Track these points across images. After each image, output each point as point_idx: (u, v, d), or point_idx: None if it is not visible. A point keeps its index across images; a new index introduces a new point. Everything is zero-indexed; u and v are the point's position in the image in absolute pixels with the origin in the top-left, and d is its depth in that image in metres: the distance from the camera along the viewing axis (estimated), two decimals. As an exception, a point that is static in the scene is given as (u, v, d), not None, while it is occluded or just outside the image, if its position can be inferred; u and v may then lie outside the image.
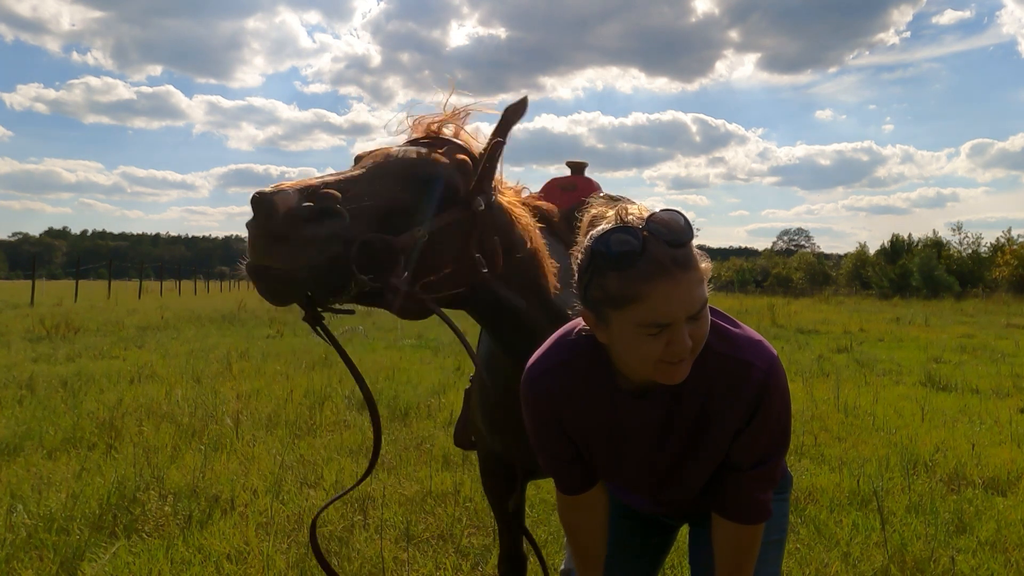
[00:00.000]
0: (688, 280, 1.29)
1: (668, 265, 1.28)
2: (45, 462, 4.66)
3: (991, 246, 48.17)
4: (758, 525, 1.55)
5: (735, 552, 1.57)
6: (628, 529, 1.90)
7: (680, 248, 1.30)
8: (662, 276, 1.27)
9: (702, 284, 1.32)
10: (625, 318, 1.31)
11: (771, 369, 1.44)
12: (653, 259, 1.28)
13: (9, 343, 11.06)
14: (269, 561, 3.22)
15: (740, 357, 1.44)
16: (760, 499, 1.53)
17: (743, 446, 1.49)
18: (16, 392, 6.85)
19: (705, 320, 1.34)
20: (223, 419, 5.78)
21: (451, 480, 4.37)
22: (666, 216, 1.33)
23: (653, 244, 1.29)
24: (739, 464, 1.51)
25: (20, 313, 17.95)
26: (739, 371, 1.43)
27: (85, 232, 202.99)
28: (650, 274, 1.28)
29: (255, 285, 1.41)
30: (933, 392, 7.74)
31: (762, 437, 1.48)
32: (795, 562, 3.30)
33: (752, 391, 1.43)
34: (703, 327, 1.34)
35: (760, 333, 1.51)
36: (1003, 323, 18.70)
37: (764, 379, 1.43)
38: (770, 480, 1.53)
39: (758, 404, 1.44)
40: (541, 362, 1.57)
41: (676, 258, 1.29)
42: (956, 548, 3.44)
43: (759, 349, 1.46)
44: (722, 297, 43.31)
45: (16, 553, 3.25)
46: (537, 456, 1.67)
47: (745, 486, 1.52)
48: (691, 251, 1.32)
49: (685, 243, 1.31)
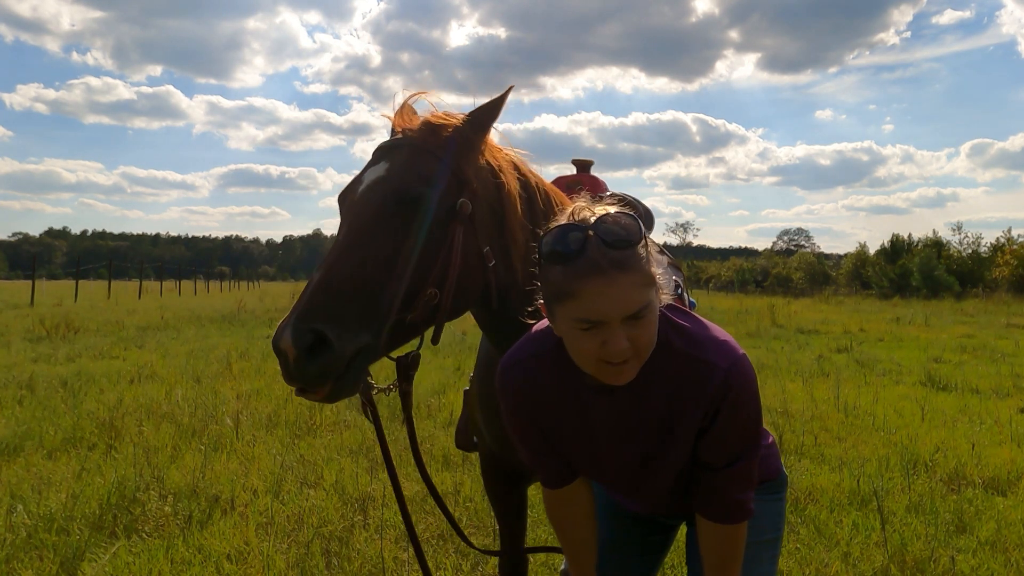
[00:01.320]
0: (625, 282, 1.32)
1: (604, 265, 1.31)
2: (45, 462, 4.66)
3: (991, 246, 48.14)
4: (739, 525, 1.55)
5: (718, 551, 1.58)
6: (626, 527, 1.90)
7: (621, 250, 1.33)
8: (597, 275, 1.31)
9: (644, 288, 1.34)
10: (564, 313, 1.36)
11: (733, 368, 1.45)
12: (590, 258, 1.32)
13: (9, 343, 11.06)
14: (269, 561, 3.22)
15: (702, 357, 1.46)
16: (738, 499, 1.53)
17: (711, 445, 1.51)
18: (16, 392, 6.85)
19: (647, 324, 1.36)
20: (223, 419, 5.78)
21: (451, 480, 4.37)
22: (614, 218, 1.37)
23: (593, 244, 1.33)
24: (712, 463, 1.53)
25: (20, 313, 17.96)
26: (701, 370, 1.45)
27: (85, 232, 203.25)
28: (586, 272, 1.32)
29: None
30: (933, 392, 7.75)
31: (729, 436, 1.49)
32: (795, 562, 3.30)
33: (713, 390, 1.45)
34: (645, 332, 1.36)
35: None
36: (1003, 323, 18.70)
37: (725, 378, 1.44)
38: (746, 480, 1.53)
39: (721, 403, 1.45)
40: (514, 354, 1.60)
41: (614, 259, 1.32)
42: (956, 548, 3.44)
43: (723, 349, 1.47)
44: (722, 297, 43.33)
45: (16, 553, 3.26)
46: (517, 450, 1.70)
47: (721, 485, 1.53)
48: (634, 254, 1.34)
49: (628, 245, 1.34)
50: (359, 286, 1.51)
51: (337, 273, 1.51)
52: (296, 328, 1.43)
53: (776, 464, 1.80)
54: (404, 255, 1.57)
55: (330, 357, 1.44)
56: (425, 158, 1.67)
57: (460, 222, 1.64)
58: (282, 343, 1.43)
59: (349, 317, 1.48)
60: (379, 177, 1.64)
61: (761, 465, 1.75)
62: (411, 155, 1.67)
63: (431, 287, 1.59)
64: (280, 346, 1.44)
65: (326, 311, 1.46)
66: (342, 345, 1.45)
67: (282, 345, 1.43)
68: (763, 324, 17.08)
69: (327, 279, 1.50)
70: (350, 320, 1.48)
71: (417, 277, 1.57)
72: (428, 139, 1.70)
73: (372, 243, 1.56)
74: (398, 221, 1.59)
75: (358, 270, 1.52)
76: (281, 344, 1.44)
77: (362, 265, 1.53)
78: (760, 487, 1.76)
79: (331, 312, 1.47)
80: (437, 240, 1.61)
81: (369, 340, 1.51)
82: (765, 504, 1.76)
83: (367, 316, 1.51)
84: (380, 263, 1.54)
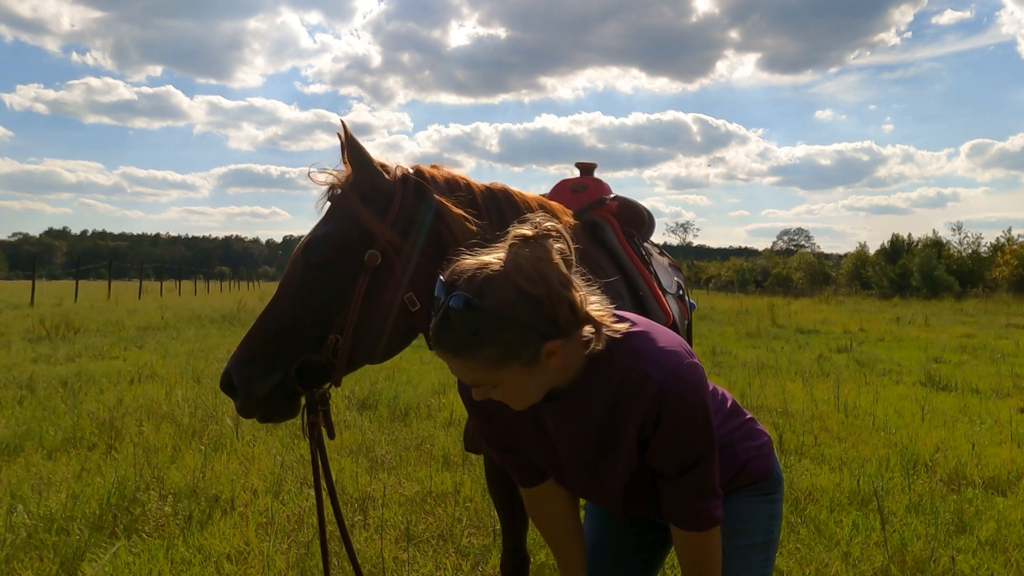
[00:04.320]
0: (457, 363, 1.36)
1: (446, 344, 1.35)
2: (45, 462, 4.66)
3: (991, 246, 48.11)
4: (707, 532, 1.55)
5: (691, 557, 1.58)
6: (619, 524, 1.90)
7: (450, 333, 1.33)
8: (441, 351, 1.37)
9: (491, 368, 1.34)
10: None
11: (669, 380, 1.43)
12: (437, 331, 1.35)
13: (9, 343, 11.06)
14: (269, 561, 3.22)
15: (637, 368, 1.45)
16: (698, 507, 1.52)
17: (658, 455, 1.51)
18: (16, 392, 6.85)
19: (509, 393, 1.41)
20: (223, 419, 5.78)
21: (451, 480, 4.37)
22: (473, 283, 1.32)
23: (438, 318, 1.34)
24: (663, 472, 1.53)
25: (20, 313, 17.95)
26: (635, 382, 1.45)
27: (85, 232, 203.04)
28: (435, 342, 1.37)
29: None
30: (933, 392, 7.75)
31: (674, 446, 1.48)
32: (795, 562, 3.30)
33: (647, 401, 1.45)
34: (510, 397, 1.42)
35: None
36: (1003, 323, 18.70)
37: (660, 390, 1.43)
38: (703, 488, 1.52)
39: (659, 413, 1.45)
40: None
41: (445, 344, 1.35)
42: (956, 548, 3.44)
43: (662, 359, 1.46)
44: (722, 297, 43.33)
45: (16, 553, 3.25)
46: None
47: (679, 494, 1.53)
48: (463, 339, 1.32)
49: (461, 332, 1.31)
50: (272, 333, 1.83)
51: (260, 325, 1.85)
52: (223, 373, 1.82)
53: (769, 464, 1.77)
54: (311, 308, 1.83)
55: (243, 396, 1.80)
56: (337, 219, 1.89)
57: (366, 272, 1.84)
58: (223, 379, 1.84)
59: (261, 361, 1.82)
60: (303, 238, 1.91)
61: (752, 465, 1.75)
62: (329, 217, 1.91)
63: (334, 333, 1.83)
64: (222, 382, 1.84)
65: (243, 359, 1.81)
66: (250, 387, 1.80)
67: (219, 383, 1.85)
68: (763, 324, 17.08)
69: (252, 331, 1.85)
70: (261, 364, 1.81)
71: (321, 324, 1.83)
72: (339, 201, 1.91)
73: (288, 298, 1.85)
74: (308, 278, 1.85)
75: (274, 322, 1.84)
76: (222, 380, 1.84)
77: (278, 317, 1.84)
78: (751, 488, 1.75)
79: (247, 358, 1.81)
80: (341, 292, 1.84)
81: (281, 376, 1.82)
82: (755, 505, 1.74)
83: (277, 358, 1.82)
84: (292, 315, 1.83)
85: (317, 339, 1.83)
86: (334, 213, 1.90)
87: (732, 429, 1.73)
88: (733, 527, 1.65)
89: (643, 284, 2.38)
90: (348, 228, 1.85)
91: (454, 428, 5.71)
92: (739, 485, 1.73)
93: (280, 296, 1.86)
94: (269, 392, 1.81)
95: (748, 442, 1.75)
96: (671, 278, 2.83)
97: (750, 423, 1.80)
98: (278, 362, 1.81)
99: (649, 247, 3.00)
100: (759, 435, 1.79)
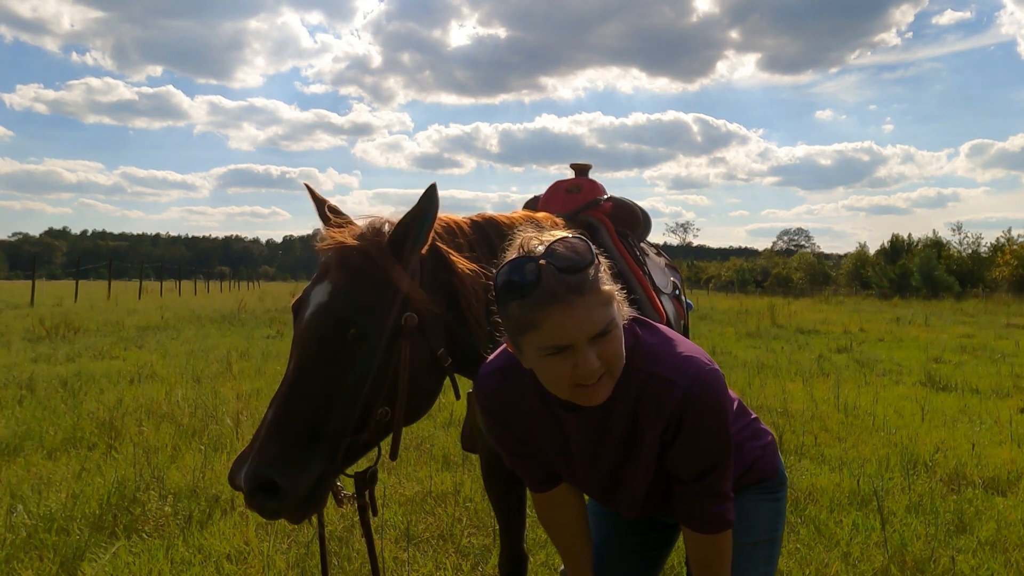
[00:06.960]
0: (584, 304, 1.34)
1: (561, 292, 1.33)
2: (45, 462, 4.66)
3: (991, 246, 48.20)
4: (720, 534, 1.56)
5: (703, 558, 1.60)
6: (624, 525, 1.90)
7: (575, 274, 1.34)
8: (555, 303, 1.33)
9: (603, 306, 1.36)
10: (529, 343, 1.38)
11: (693, 386, 1.45)
12: (547, 288, 1.33)
13: (9, 343, 11.06)
14: (269, 561, 3.22)
15: (662, 374, 1.47)
16: (712, 511, 1.54)
17: (677, 460, 1.52)
18: (16, 392, 6.85)
19: (613, 339, 1.39)
20: (223, 419, 5.78)
21: (451, 480, 4.38)
22: (563, 243, 1.39)
23: (548, 273, 1.34)
24: (681, 477, 1.54)
25: (20, 313, 17.96)
26: (660, 388, 1.47)
27: (85, 232, 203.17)
28: (544, 302, 1.33)
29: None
30: (933, 392, 7.75)
31: (693, 452, 1.50)
32: (795, 562, 3.30)
33: (672, 407, 1.46)
34: (612, 346, 1.39)
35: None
36: (1003, 323, 18.70)
37: (684, 396, 1.45)
38: (718, 493, 1.54)
39: (681, 419, 1.46)
40: (491, 363, 1.64)
41: (570, 285, 1.33)
42: (956, 548, 3.44)
43: (684, 366, 1.48)
44: (722, 297, 43.33)
45: (16, 553, 3.25)
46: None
47: (693, 498, 1.54)
48: (587, 276, 1.35)
49: (581, 269, 1.35)
50: (309, 420, 1.54)
51: (287, 410, 1.54)
52: (249, 475, 1.49)
53: (774, 463, 1.80)
54: (351, 383, 1.58)
55: (284, 498, 1.50)
56: (365, 282, 1.62)
57: (406, 338, 1.63)
58: (238, 481, 1.50)
59: (300, 455, 1.53)
60: (321, 304, 1.62)
61: (758, 464, 1.76)
62: (352, 279, 1.63)
63: (381, 406, 1.62)
64: (236, 483, 1.51)
65: (278, 453, 1.51)
66: (295, 486, 1.51)
67: (238, 483, 1.50)
68: (763, 324, 17.07)
69: (278, 417, 1.54)
70: (301, 458, 1.53)
71: (367, 401, 1.59)
72: (365, 262, 1.63)
73: (319, 374, 1.57)
74: (343, 351, 1.58)
75: (307, 404, 1.55)
76: (237, 482, 1.51)
77: (310, 398, 1.55)
78: (756, 486, 1.76)
79: (282, 453, 1.51)
80: (383, 362, 1.61)
81: (325, 467, 1.56)
82: (761, 504, 1.76)
83: (319, 448, 1.55)
84: (328, 394, 1.56)
85: (361, 416, 1.60)
86: (356, 276, 1.63)
87: (740, 429, 1.75)
88: (739, 525, 1.66)
89: (636, 285, 2.37)
90: (385, 293, 1.63)
91: (454, 428, 5.72)
92: (745, 484, 1.74)
93: (303, 373, 1.57)
94: (313, 487, 1.55)
95: (754, 441, 1.77)
96: (667, 278, 2.83)
97: (755, 423, 1.82)
98: (319, 450, 1.55)
99: (645, 247, 3.00)
100: (764, 434, 1.81)
